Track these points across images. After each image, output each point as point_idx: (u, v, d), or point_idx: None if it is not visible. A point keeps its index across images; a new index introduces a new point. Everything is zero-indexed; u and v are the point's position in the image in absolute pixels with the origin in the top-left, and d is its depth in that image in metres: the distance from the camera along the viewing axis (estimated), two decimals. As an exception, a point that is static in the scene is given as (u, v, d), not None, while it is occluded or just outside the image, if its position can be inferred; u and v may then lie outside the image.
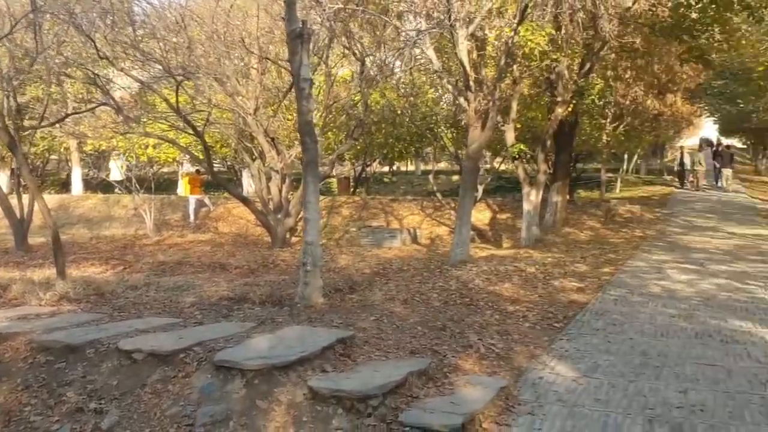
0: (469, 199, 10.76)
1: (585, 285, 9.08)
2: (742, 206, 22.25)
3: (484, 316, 6.73)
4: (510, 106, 15.38)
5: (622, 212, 20.24)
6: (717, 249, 13.06)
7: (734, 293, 8.24)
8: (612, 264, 11.27)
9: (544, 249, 13.73)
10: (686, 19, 12.94)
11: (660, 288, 8.72)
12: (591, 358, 5.40)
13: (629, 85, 23.97)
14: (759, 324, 6.52)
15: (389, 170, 40.52)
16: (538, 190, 14.88)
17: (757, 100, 26.44)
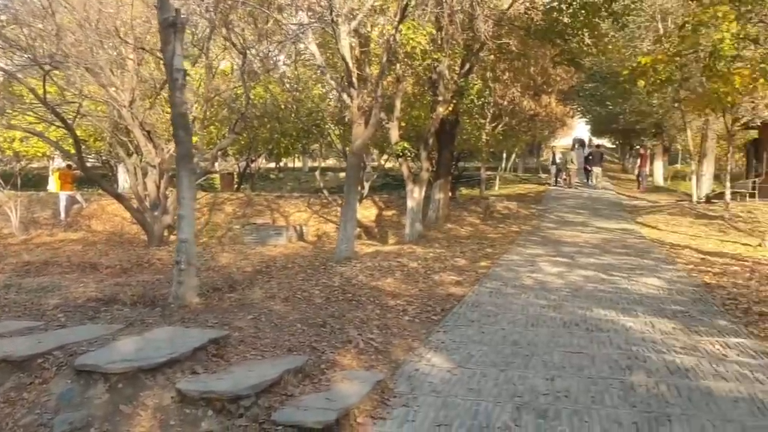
0: (353, 195, 10.78)
1: (463, 278, 9.34)
2: (610, 202, 23.75)
3: (366, 311, 6.75)
4: (394, 104, 15.56)
5: (500, 209, 21.04)
6: (586, 243, 13.85)
7: (600, 284, 8.75)
8: (489, 258, 11.67)
9: (426, 244, 14.01)
10: (558, 23, 13.63)
11: (532, 280, 9.11)
12: (465, 348, 5.54)
13: (507, 86, 24.99)
14: (621, 313, 6.95)
15: (276, 166, 39.99)
16: (421, 187, 15.16)
17: (624, 102, 28.31)
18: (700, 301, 7.52)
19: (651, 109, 25.67)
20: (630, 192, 28.45)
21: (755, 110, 17.30)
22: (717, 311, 6.93)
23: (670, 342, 5.64)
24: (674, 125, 28.28)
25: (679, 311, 6.93)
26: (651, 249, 12.61)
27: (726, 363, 5.00)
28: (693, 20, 9.52)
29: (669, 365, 4.97)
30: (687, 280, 8.94)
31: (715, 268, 10.02)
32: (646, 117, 27.70)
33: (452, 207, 21.11)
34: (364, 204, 21.89)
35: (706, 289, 8.29)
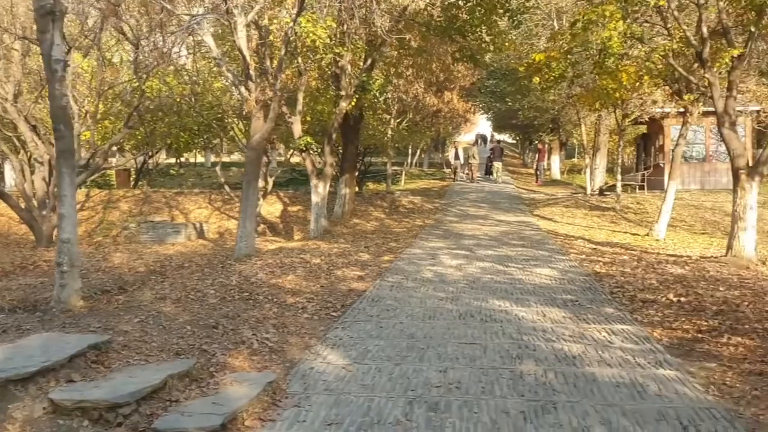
0: (253, 191, 10.52)
1: (366, 273, 9.32)
2: (509, 196, 24.48)
3: (262, 310, 6.58)
4: (297, 98, 15.36)
5: (405, 203, 21.25)
6: (486, 235, 14.19)
7: (496, 275, 8.95)
8: (393, 252, 11.72)
9: (331, 240, 13.93)
10: (457, 19, 13.85)
11: (432, 273, 9.21)
12: (362, 344, 5.49)
13: (411, 83, 25.28)
14: (515, 303, 7.12)
15: (176, 162, 38.68)
16: (325, 182, 15.05)
17: (523, 98, 29.20)
18: (590, 289, 7.82)
19: (547, 105, 26.61)
20: (529, 185, 29.44)
21: (643, 106, 18.25)
22: (605, 299, 7.23)
23: (560, 330, 5.82)
24: (569, 121, 29.45)
25: (570, 300, 7.18)
26: (546, 240, 13.06)
27: (611, 349, 5.21)
28: (583, 19, 9.88)
29: (557, 353, 5.12)
30: (578, 270, 9.30)
31: (605, 258, 10.49)
32: (543, 113, 28.71)
33: (358, 202, 21.11)
34: (269, 200, 21.53)
35: (595, 278, 8.64)
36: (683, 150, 23.03)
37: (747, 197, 9.83)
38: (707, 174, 22.57)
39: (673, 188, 14.31)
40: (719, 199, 19.57)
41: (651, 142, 24.80)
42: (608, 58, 9.47)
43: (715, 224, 16.91)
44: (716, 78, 10.16)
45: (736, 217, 9.91)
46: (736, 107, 10.48)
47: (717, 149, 22.66)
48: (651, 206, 19.34)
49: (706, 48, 10.05)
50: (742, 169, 9.90)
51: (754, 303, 6.56)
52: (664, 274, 8.70)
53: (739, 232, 9.85)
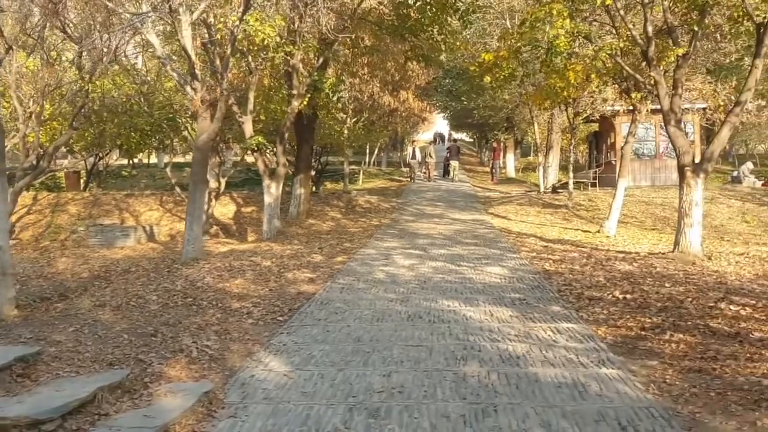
0: (200, 193, 10.29)
1: (317, 275, 9.20)
2: (465, 194, 24.60)
3: (205, 317, 6.41)
4: (247, 98, 15.13)
5: (361, 203, 21.16)
6: (440, 234, 14.19)
7: (448, 275, 8.93)
8: (346, 253, 11.62)
9: (285, 241, 13.75)
10: (409, 19, 13.82)
11: (384, 274, 9.14)
12: (307, 349, 5.39)
13: (366, 82, 25.22)
14: (464, 303, 7.10)
15: (129, 163, 37.85)
16: (278, 182, 14.84)
17: (478, 97, 29.39)
18: (538, 288, 7.86)
19: (501, 104, 26.86)
20: (485, 184, 29.66)
21: (594, 104, 18.52)
22: (552, 297, 7.26)
23: (506, 330, 5.81)
24: (523, 119, 29.78)
25: (518, 299, 7.19)
26: (499, 239, 13.12)
27: (555, 348, 5.21)
28: (531, 17, 9.95)
29: (502, 354, 5.10)
30: (528, 268, 9.34)
31: (555, 255, 10.57)
32: (497, 112, 28.97)
33: (314, 202, 20.94)
34: (222, 201, 21.20)
35: (544, 275, 8.68)
36: (634, 147, 23.55)
37: (693, 194, 10.02)
38: (658, 171, 23.03)
39: (622, 185, 14.53)
40: (669, 196, 19.96)
41: (603, 139, 25.21)
42: (555, 56, 9.54)
43: (665, 220, 17.24)
44: (662, 76, 10.33)
45: (683, 214, 10.10)
46: (681, 105, 10.67)
47: (667, 146, 23.15)
48: (603, 203, 19.64)
49: (651, 47, 10.21)
50: (688, 166, 10.09)
51: (697, 299, 6.66)
52: (612, 271, 8.80)
53: (685, 229, 10.03)
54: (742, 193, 20.09)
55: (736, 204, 18.87)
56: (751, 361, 4.61)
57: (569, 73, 9.73)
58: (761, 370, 4.45)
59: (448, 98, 36.10)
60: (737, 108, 9.54)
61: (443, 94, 36.09)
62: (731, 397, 3.99)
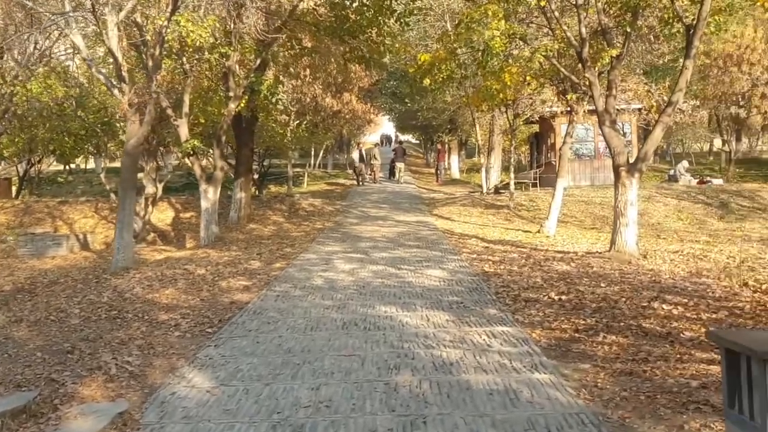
0: (130, 199, 9.88)
1: (253, 283, 8.94)
2: (410, 196, 24.59)
3: (129, 330, 6.11)
4: (183, 100, 14.72)
5: (305, 206, 20.89)
6: (383, 237, 14.07)
7: (387, 279, 8.80)
8: (286, 258, 11.38)
9: (223, 247, 13.41)
10: (347, 20, 13.66)
11: (323, 279, 8.95)
12: (234, 363, 5.15)
13: (308, 84, 24.95)
14: (401, 308, 6.96)
15: (65, 169, 36.52)
16: (215, 187, 14.46)
17: (421, 99, 29.45)
18: (476, 290, 7.80)
19: (443, 106, 26.98)
20: (430, 185, 29.76)
21: (533, 106, 18.73)
22: (489, 300, 7.20)
23: (441, 336, 5.70)
24: (466, 121, 29.99)
25: (455, 302, 7.11)
26: (441, 240, 13.08)
27: (489, 353, 5.12)
28: (467, 18, 9.92)
29: (435, 361, 4.98)
30: (468, 270, 9.30)
31: (495, 257, 10.57)
32: (440, 113, 29.10)
33: (256, 206, 20.57)
34: (160, 206, 20.61)
35: (483, 277, 8.64)
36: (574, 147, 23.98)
37: (628, 193, 10.16)
38: (597, 170, 23.49)
39: (561, 186, 14.70)
40: (608, 195, 20.31)
41: (543, 140, 25.59)
42: (491, 58, 9.54)
43: (603, 219, 17.56)
44: (596, 77, 10.45)
45: (618, 213, 10.23)
46: (617, 106, 10.83)
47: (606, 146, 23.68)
48: (543, 203, 19.88)
49: (585, 48, 10.32)
50: (623, 166, 10.22)
51: (631, 299, 6.70)
52: (550, 272, 8.83)
53: (621, 228, 10.16)
54: (678, 191, 20.64)
55: (672, 202, 19.39)
56: (681, 362, 4.61)
57: (505, 74, 9.74)
58: (690, 371, 4.45)
59: (393, 100, 36.13)
60: (669, 108, 9.72)
61: (387, 96, 36.09)
62: (660, 400, 3.97)
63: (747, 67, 20.03)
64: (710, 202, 19.28)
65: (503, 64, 10.41)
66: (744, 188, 21.33)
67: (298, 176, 32.04)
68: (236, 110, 14.28)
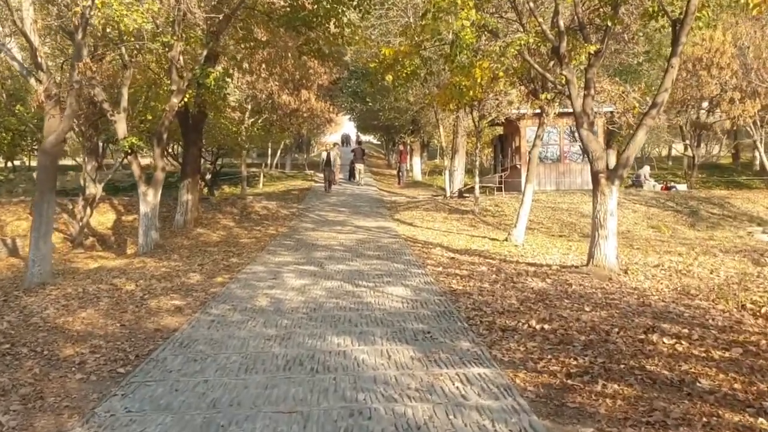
0: (47, 204, 8.58)
1: (187, 303, 7.78)
2: (371, 199, 23.53)
3: (18, 372, 4.91)
4: (121, 94, 13.41)
5: (258, 209, 19.66)
6: (341, 245, 12.99)
7: (343, 299, 7.73)
8: (230, 271, 10.23)
9: (163, 256, 12.16)
10: (303, 10, 12.54)
11: (268, 299, 7.83)
12: (141, 423, 4.02)
13: (265, 80, 23.70)
14: (357, 339, 5.90)
15: (6, 166, 34.49)
16: (155, 189, 13.16)
17: (383, 99, 28.44)
18: (445, 314, 6.78)
19: (406, 106, 26.00)
20: (391, 187, 28.79)
21: (499, 107, 17.87)
22: (460, 328, 6.18)
23: (405, 381, 4.65)
24: (429, 122, 29.11)
25: (421, 331, 6.07)
26: (403, 250, 12.06)
27: (464, 410, 4.09)
28: (434, 7, 8.91)
29: (398, 421, 3.93)
30: (434, 288, 8.28)
31: (463, 270, 9.60)
32: (402, 113, 28.13)
33: (205, 208, 19.27)
34: (101, 208, 19.16)
35: (451, 297, 7.64)
36: (539, 151, 23.29)
37: (607, 202, 9.30)
38: (562, 175, 22.83)
39: (530, 191, 13.84)
40: (575, 200, 19.70)
41: (508, 143, 24.84)
42: (460, 51, 8.54)
43: (571, 226, 16.82)
44: (574, 75, 9.57)
45: (597, 224, 9.35)
46: (593, 107, 9.96)
47: (570, 150, 23.02)
48: (509, 208, 19.08)
49: (563, 43, 9.42)
50: (602, 172, 9.36)
51: (624, 329, 5.76)
52: (525, 290, 7.89)
53: (599, 240, 9.29)
54: (646, 197, 20.06)
55: (641, 209, 18.76)
56: (710, 428, 3.65)
57: (475, 70, 8.76)
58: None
59: (353, 99, 35.04)
60: (653, 110, 8.86)
61: (348, 95, 34.99)
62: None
63: (716, 71, 19.53)
64: (680, 209, 18.72)
65: (473, 59, 9.43)
66: (713, 195, 20.88)
67: (254, 176, 30.74)
68: (180, 105, 13.02)
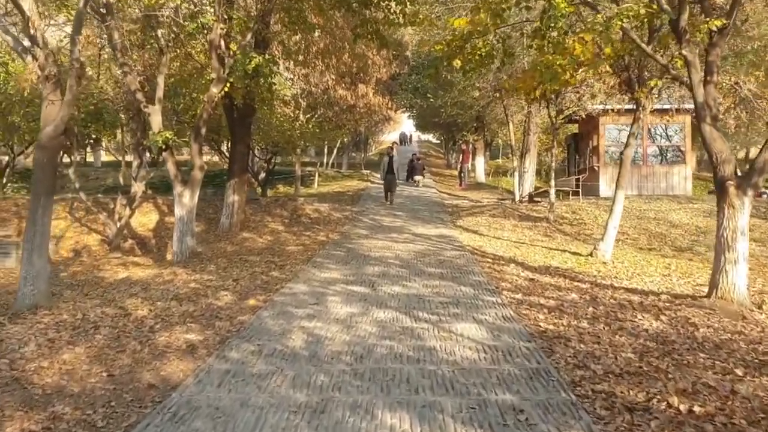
0: (43, 210, 7.10)
1: (204, 338, 6.17)
2: (430, 202, 21.74)
3: None
4: (157, 82, 12.04)
5: (309, 212, 18.12)
6: (397, 258, 11.25)
7: (398, 341, 5.96)
8: (267, 289, 8.63)
9: (198, 266, 10.70)
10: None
11: (305, 337, 6.13)
12: None
13: (321, 73, 22.21)
14: (418, 419, 4.11)
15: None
16: (192, 190, 11.72)
17: (445, 94, 26.57)
18: (539, 375, 4.91)
19: (471, 102, 24.03)
20: (452, 190, 26.91)
21: (581, 101, 15.77)
22: (566, 402, 4.32)
23: None
24: (495, 119, 27.05)
25: (511, 408, 4.23)
26: (471, 266, 10.21)
27: None
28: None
29: None
30: (516, 327, 6.41)
31: (548, 298, 7.70)
32: (466, 110, 26.15)
33: (254, 210, 17.87)
34: (143, 208, 17.98)
35: (543, 343, 5.78)
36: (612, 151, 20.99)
37: (737, 218, 7.24)
38: (645, 178, 20.46)
39: (621, 198, 11.76)
40: (662, 208, 17.40)
41: (584, 142, 22.58)
42: (556, 22, 6.65)
43: (661, 237, 14.60)
44: (696, 56, 7.53)
45: (723, 246, 7.30)
46: (717, 97, 7.90)
47: (654, 151, 20.66)
48: (588, 216, 16.95)
49: (683, 14, 7.41)
50: (731, 180, 7.30)
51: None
52: (638, 334, 5.97)
53: (726, 266, 7.25)
54: (746, 205, 17.50)
55: (740, 218, 16.30)
56: None
57: (575, 45, 6.84)
58: None
59: (413, 95, 33.26)
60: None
61: (408, 91, 33.25)
62: None
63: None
64: (785, 219, 16.18)
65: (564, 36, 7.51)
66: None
67: (309, 176, 29.38)
68: (220, 96, 11.51)
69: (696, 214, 16.60)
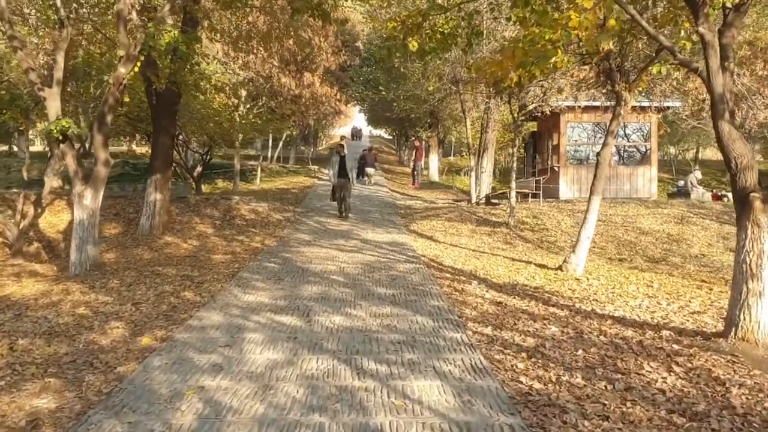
0: None
1: (59, 405, 4.39)
2: (382, 203, 20.11)
3: None
4: (56, 61, 10.03)
5: (244, 212, 16.25)
6: (341, 272, 9.56)
7: (331, 416, 4.25)
8: (173, 318, 6.85)
9: (98, 282, 8.81)
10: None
11: (198, 409, 4.35)
12: None
13: (264, 60, 20.38)
14: None
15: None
16: (96, 188, 9.76)
17: (398, 87, 24.98)
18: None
19: (426, 95, 22.47)
20: (405, 188, 25.34)
21: (545, 96, 14.34)
22: None
23: None
24: (450, 114, 25.56)
25: None
26: (427, 285, 8.56)
27: None
28: None
29: None
30: (492, 385, 4.75)
31: (523, 333, 6.12)
32: (420, 104, 24.59)
33: (181, 210, 15.91)
34: (55, 206, 15.84)
35: (530, 417, 4.16)
36: (571, 150, 19.78)
37: (764, 239, 5.79)
38: (608, 180, 19.29)
39: (596, 207, 10.36)
40: (629, 213, 16.17)
41: (543, 141, 21.32)
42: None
43: (631, 246, 13.31)
44: (714, 34, 6.05)
45: (746, 274, 5.83)
46: (732, 88, 6.43)
47: (616, 150, 19.50)
48: (550, 220, 15.59)
49: (700, -17, 5.92)
50: (755, 191, 5.84)
51: None
52: (653, 398, 4.48)
53: (750, 298, 5.78)
54: (717, 211, 16.46)
55: (712, 225, 15.16)
56: None
57: (571, 14, 5.25)
58: None
59: (365, 88, 31.63)
60: None
61: (360, 83, 31.61)
62: None
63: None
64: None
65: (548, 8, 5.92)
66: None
67: (251, 171, 27.45)
68: (128, 76, 9.57)
69: (666, 219, 15.40)
